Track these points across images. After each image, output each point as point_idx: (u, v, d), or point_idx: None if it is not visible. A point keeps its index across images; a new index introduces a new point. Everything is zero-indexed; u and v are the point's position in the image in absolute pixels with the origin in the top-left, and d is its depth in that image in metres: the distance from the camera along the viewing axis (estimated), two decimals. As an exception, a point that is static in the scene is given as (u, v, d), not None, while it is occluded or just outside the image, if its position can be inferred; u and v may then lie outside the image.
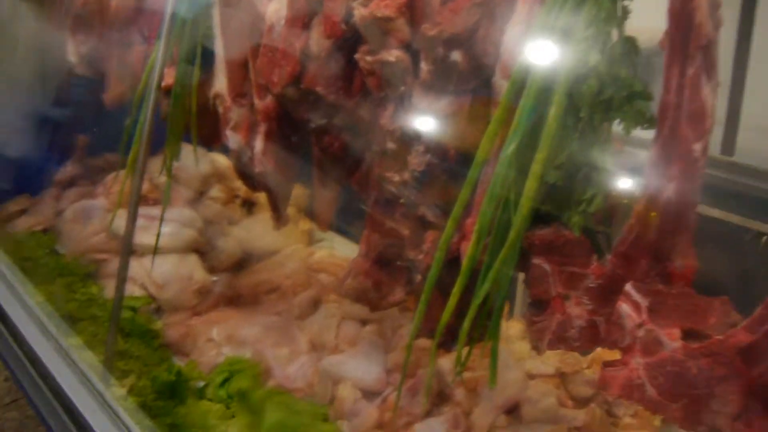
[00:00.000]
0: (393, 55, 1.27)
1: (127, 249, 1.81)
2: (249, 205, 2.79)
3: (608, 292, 1.13)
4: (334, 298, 2.14)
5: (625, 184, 1.13)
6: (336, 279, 2.39)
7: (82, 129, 2.97)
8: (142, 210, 2.46)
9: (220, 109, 1.71)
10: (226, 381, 1.83)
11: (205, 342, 2.13)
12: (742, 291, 1.15)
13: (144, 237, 2.39)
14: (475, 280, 1.18)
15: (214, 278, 2.43)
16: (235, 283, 2.47)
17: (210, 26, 1.67)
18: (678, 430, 1.61)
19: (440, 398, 1.75)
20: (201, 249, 2.46)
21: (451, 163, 1.24)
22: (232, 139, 1.68)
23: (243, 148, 1.70)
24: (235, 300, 2.46)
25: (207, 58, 1.75)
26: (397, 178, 1.41)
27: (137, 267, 2.38)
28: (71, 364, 1.72)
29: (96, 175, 3.02)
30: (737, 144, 1.75)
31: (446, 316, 1.16)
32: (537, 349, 1.20)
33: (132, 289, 2.33)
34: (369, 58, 1.29)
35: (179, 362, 2.04)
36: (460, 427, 1.62)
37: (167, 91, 1.84)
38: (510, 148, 1.06)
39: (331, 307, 2.04)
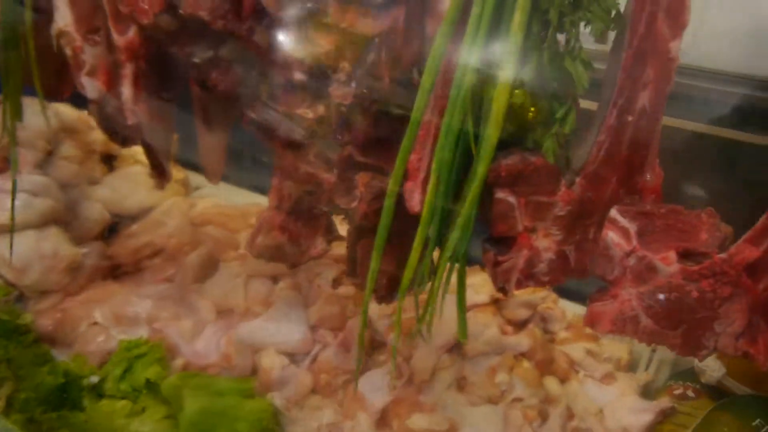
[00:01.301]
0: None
1: None
2: (108, 160, 2.41)
3: (577, 218, 1.01)
4: (233, 254, 1.91)
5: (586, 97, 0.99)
6: (227, 231, 2.14)
7: None
8: (-21, 183, 2.07)
9: (68, 51, 1.37)
10: (126, 371, 1.57)
11: (88, 327, 1.83)
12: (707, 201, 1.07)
13: (-13, 215, 2.00)
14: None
15: (84, 250, 2.09)
16: (109, 252, 2.15)
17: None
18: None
19: (372, 348, 1.62)
20: (61, 219, 2.09)
21: (383, 92, 1.04)
22: (90, 86, 1.36)
23: (105, 97, 1.38)
24: (112, 272, 2.15)
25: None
26: (310, 114, 1.19)
27: (-16, 251, 1.99)
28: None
29: None
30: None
31: (408, 272, 0.99)
32: (503, 291, 1.08)
33: (-18, 279, 1.95)
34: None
35: (61, 358, 1.74)
36: (404, 376, 1.50)
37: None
38: (468, 66, 0.88)
39: (233, 266, 1.81)
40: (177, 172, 2.49)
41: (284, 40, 1.14)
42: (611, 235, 0.92)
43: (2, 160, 2.13)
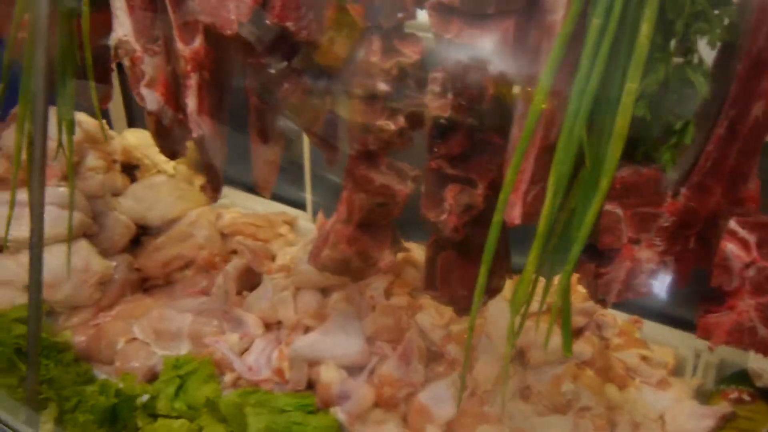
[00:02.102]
0: (393, -27, 1.01)
1: (38, 256, 1.39)
2: (129, 169, 2.35)
3: (679, 229, 1.01)
4: (273, 266, 1.87)
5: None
6: (258, 242, 2.10)
7: None
8: (4, 195, 2.00)
9: (126, 61, 1.32)
10: (179, 389, 1.53)
11: (126, 344, 1.78)
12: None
13: (15, 229, 1.93)
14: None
15: (113, 263, 2.04)
16: (137, 265, 2.10)
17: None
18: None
19: (429, 359, 1.60)
20: (89, 231, 2.04)
21: (484, 105, 1.02)
22: (150, 97, 1.32)
23: (164, 108, 1.34)
24: (141, 285, 2.10)
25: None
26: (392, 126, 1.17)
27: (12, 266, 1.92)
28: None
29: None
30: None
31: (524, 286, 0.97)
32: (603, 302, 1.07)
33: (12, 296, 1.89)
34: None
35: (101, 375, 1.69)
36: (468, 387, 1.48)
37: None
38: (590, 79, 0.87)
39: (277, 278, 1.78)
40: (199, 181, 2.45)
41: (368, 49, 1.12)
42: (730, 247, 0.92)
43: (27, 174, 2.06)
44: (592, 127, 0.90)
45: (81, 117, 2.23)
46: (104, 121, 2.07)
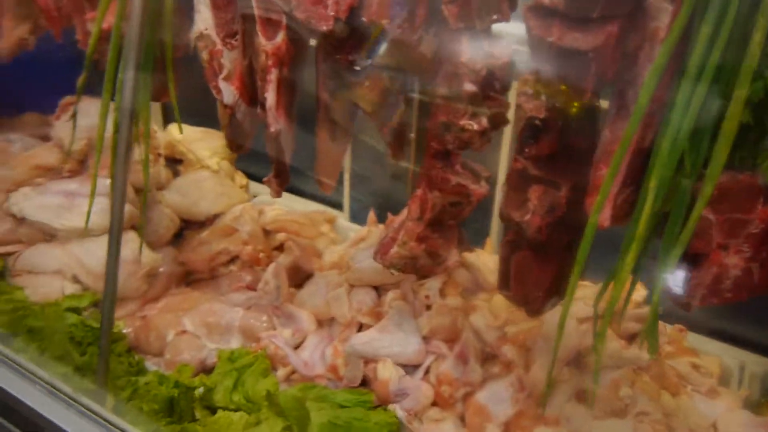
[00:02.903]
0: (493, -26, 1.02)
1: (115, 252, 1.41)
2: (173, 164, 2.37)
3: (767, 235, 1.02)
4: (323, 263, 1.88)
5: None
6: (305, 240, 2.11)
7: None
8: (56, 185, 2.02)
9: (204, 55, 1.34)
10: (237, 382, 1.54)
11: (177, 336, 1.79)
12: None
13: (66, 218, 1.95)
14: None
15: (160, 256, 2.05)
16: (181, 258, 2.11)
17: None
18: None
19: (485, 359, 1.61)
20: (136, 224, 2.05)
21: (578, 109, 1.03)
22: (227, 91, 1.34)
23: (238, 102, 1.36)
24: (185, 278, 2.11)
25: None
26: (475, 126, 1.18)
27: (63, 256, 1.94)
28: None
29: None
30: None
31: (612, 294, 0.98)
32: (686, 306, 1.08)
33: (62, 286, 1.90)
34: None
35: (151, 366, 1.70)
36: (526, 388, 1.49)
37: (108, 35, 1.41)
38: (698, 86, 0.88)
39: (330, 275, 1.79)
40: (240, 178, 2.46)
41: (457, 50, 1.13)
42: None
43: (78, 164, 2.07)
44: (695, 133, 0.91)
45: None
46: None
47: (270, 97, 1.28)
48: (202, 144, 2.36)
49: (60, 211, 1.93)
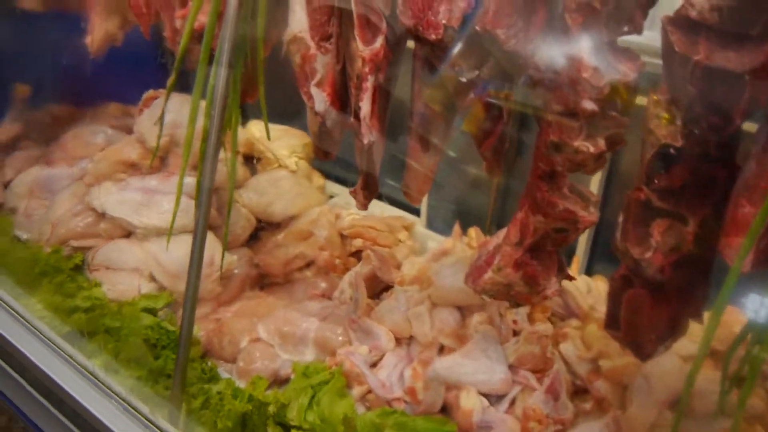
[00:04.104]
0: (629, -18, 0.90)
1: (197, 259, 1.36)
2: (251, 162, 2.33)
3: None
4: (406, 277, 1.79)
5: None
6: (384, 249, 2.03)
7: (20, 76, 2.35)
8: (137, 181, 2.00)
9: (296, 59, 1.26)
10: (311, 401, 1.47)
11: (251, 343, 1.74)
12: None
13: (145, 216, 1.93)
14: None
15: (235, 257, 2.01)
16: (256, 260, 2.06)
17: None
18: None
19: (575, 394, 1.49)
20: (213, 224, 2.01)
21: (723, 136, 0.90)
22: (318, 97, 1.26)
23: (329, 109, 1.28)
24: (261, 281, 2.06)
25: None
26: (591, 149, 1.06)
27: (140, 254, 1.92)
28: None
29: (43, 133, 2.45)
30: None
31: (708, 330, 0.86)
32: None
33: (138, 284, 1.87)
34: (593, -12, 0.90)
35: (223, 372, 1.65)
36: (622, 430, 1.37)
37: (200, 34, 1.36)
38: None
39: (411, 291, 1.70)
40: (317, 179, 2.40)
41: (577, 63, 1.02)
42: None
43: (159, 160, 2.05)
44: None
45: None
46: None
47: (365, 106, 1.19)
48: (281, 143, 2.31)
49: (139, 208, 1.91)
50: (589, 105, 1.02)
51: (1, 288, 1.73)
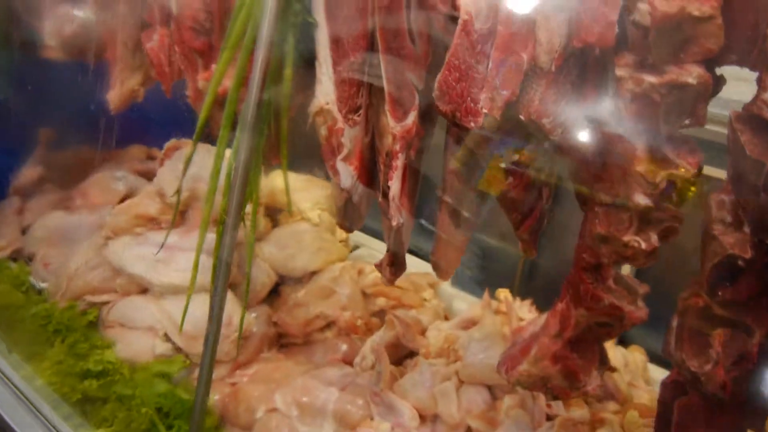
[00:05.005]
0: (693, 74, 0.82)
1: (215, 329, 1.29)
2: (272, 214, 2.26)
3: None
4: (432, 347, 1.70)
5: None
6: (409, 313, 1.94)
7: (44, 120, 2.32)
8: (155, 236, 1.94)
9: (322, 131, 1.19)
10: (330, 485, 1.38)
11: (267, 413, 1.65)
12: None
13: (162, 273, 1.86)
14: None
15: (252, 315, 1.93)
16: (275, 318, 1.98)
17: (307, 6, 1.13)
18: None
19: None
20: (233, 281, 1.94)
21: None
22: (345, 173, 1.18)
23: (356, 184, 1.20)
24: (279, 340, 1.98)
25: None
26: (643, 245, 0.97)
27: (156, 312, 1.85)
28: None
29: (64, 177, 2.41)
30: None
31: None
32: None
33: (152, 344, 1.80)
34: (652, 79, 0.82)
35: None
36: None
37: (223, 98, 1.30)
38: None
39: (437, 364, 1.60)
40: (341, 231, 2.33)
41: (630, 155, 0.93)
42: None
43: (179, 214, 1.99)
44: None
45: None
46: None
47: (394, 185, 1.12)
48: (304, 194, 2.24)
49: (157, 264, 1.85)
50: (642, 200, 0.94)
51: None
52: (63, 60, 1.87)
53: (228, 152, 1.29)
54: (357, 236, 2.43)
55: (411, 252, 2.23)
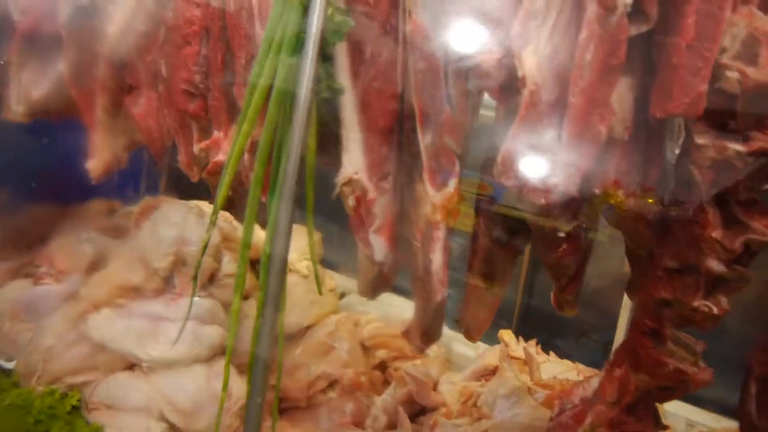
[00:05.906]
0: (780, 142, 0.78)
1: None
2: (256, 266, 2.14)
3: None
4: (451, 405, 1.62)
5: None
6: (419, 368, 1.85)
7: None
8: (139, 306, 1.80)
9: (350, 201, 1.11)
10: None
11: (284, 493, 1.54)
12: None
13: (150, 347, 1.72)
14: None
15: (250, 382, 1.81)
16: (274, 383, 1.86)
17: (330, 71, 1.05)
18: None
19: None
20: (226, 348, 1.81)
21: None
22: (378, 246, 1.10)
23: (388, 256, 1.12)
24: (280, 403, 1.86)
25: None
26: (715, 310, 0.93)
27: (147, 390, 1.70)
28: None
29: (22, 239, 2.22)
30: None
31: None
32: None
33: (146, 426, 1.66)
34: (738, 147, 0.78)
35: None
36: None
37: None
38: None
39: (463, 426, 1.52)
40: (329, 280, 2.23)
41: (703, 221, 0.89)
42: None
43: (163, 281, 1.85)
44: None
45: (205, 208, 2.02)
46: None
47: (437, 258, 1.04)
48: (291, 244, 2.13)
49: (144, 338, 1.71)
50: (717, 266, 0.89)
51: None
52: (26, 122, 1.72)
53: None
54: (342, 280, 2.34)
55: (406, 294, 2.17)
